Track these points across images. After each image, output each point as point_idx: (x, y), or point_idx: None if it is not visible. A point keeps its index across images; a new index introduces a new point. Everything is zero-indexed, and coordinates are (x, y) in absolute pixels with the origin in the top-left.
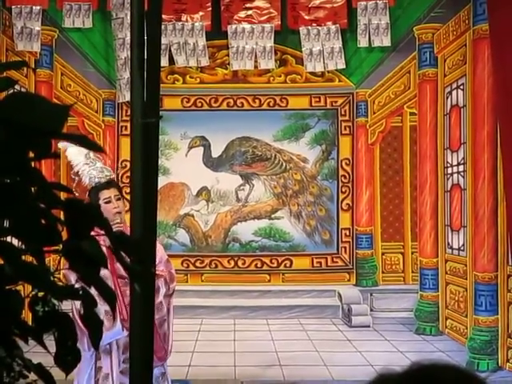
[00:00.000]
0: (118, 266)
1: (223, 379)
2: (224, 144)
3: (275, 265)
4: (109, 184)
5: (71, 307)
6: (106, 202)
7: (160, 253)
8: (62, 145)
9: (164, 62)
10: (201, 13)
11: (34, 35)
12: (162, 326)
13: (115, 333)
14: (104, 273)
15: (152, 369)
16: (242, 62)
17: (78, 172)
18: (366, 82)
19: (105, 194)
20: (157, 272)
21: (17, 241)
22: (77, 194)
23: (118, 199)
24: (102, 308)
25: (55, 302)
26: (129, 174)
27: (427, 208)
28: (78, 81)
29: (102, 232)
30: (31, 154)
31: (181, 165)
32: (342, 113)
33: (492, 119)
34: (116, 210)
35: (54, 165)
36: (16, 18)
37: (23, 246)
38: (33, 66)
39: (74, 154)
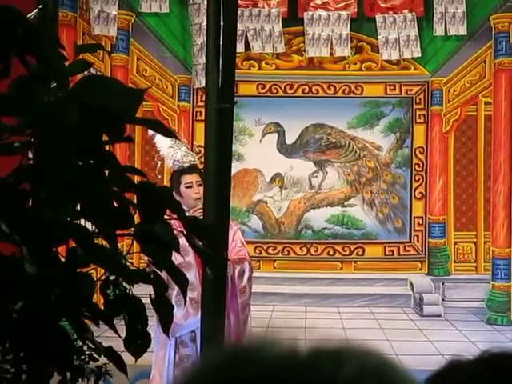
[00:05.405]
0: None
1: None
2: (298, 131)
3: (347, 252)
4: (191, 169)
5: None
6: (187, 187)
7: (240, 237)
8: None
9: (240, 47)
10: None
11: (111, 19)
12: (244, 310)
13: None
14: (188, 259)
15: None
16: (317, 49)
17: (162, 155)
18: (442, 70)
19: (187, 179)
20: (241, 256)
21: (90, 224)
22: (159, 177)
23: (200, 185)
24: (188, 295)
25: (126, 285)
26: (203, 159)
27: (500, 197)
28: (153, 66)
29: (175, 216)
30: (105, 138)
31: (255, 151)
32: (417, 101)
33: None
34: (197, 195)
35: (129, 149)
36: (93, 1)
37: (96, 230)
38: (109, 50)
39: (161, 137)
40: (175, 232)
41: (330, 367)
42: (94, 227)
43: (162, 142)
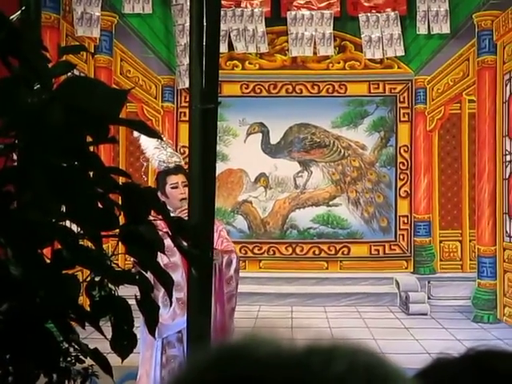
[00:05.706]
0: None
1: None
2: (282, 130)
3: (333, 252)
4: (177, 169)
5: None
6: (172, 187)
7: (225, 234)
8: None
9: (223, 48)
10: None
11: (94, 21)
12: (230, 300)
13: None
14: (175, 260)
15: None
16: (301, 49)
17: (148, 157)
18: (425, 68)
19: (172, 179)
20: (228, 248)
21: (74, 225)
22: (145, 179)
23: (185, 186)
24: (175, 296)
25: (112, 286)
26: (187, 159)
27: (485, 195)
28: (137, 67)
29: (160, 217)
30: (89, 139)
31: (239, 151)
32: (401, 99)
33: None
34: (182, 195)
35: (114, 151)
36: (76, 3)
37: (81, 231)
38: (92, 52)
39: (146, 138)
40: (160, 233)
41: (320, 364)
42: (78, 228)
43: (147, 143)
